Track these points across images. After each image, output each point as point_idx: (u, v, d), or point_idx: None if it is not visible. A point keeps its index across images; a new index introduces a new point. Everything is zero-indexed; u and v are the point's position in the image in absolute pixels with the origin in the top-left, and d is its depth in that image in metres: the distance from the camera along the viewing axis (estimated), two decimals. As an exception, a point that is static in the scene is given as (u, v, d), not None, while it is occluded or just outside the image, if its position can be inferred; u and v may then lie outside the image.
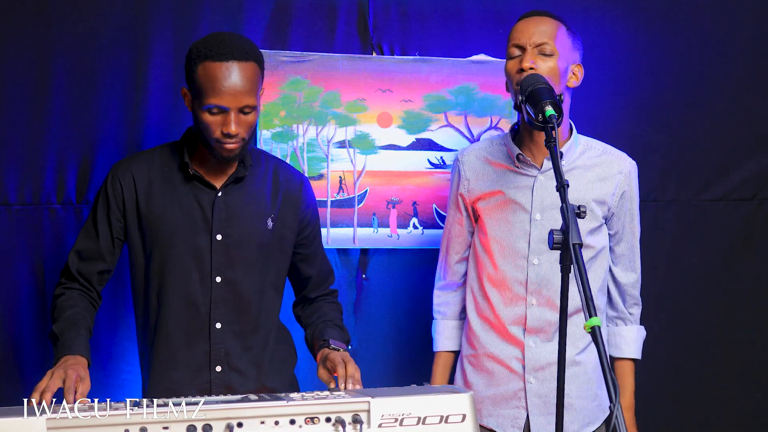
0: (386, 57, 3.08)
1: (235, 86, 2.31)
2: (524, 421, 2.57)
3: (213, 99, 2.31)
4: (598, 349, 1.80)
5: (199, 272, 2.45)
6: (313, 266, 2.64)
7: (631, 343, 2.67)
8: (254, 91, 2.35)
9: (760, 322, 3.33)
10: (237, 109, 2.32)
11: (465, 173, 2.66)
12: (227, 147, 2.35)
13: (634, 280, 2.67)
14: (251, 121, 2.36)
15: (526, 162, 2.55)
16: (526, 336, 2.55)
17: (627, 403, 2.65)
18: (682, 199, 3.28)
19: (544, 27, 2.48)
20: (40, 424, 1.82)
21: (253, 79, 2.35)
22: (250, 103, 2.33)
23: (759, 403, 3.33)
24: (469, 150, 2.70)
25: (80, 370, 2.19)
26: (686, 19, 3.24)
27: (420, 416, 2.00)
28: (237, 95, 2.31)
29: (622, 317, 2.68)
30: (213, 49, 2.33)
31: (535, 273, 2.53)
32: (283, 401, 1.96)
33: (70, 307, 2.40)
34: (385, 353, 3.14)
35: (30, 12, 2.83)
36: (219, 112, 2.33)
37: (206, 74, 2.32)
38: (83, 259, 2.47)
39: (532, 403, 2.56)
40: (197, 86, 2.34)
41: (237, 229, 2.46)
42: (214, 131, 2.34)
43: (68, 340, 2.30)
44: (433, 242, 3.05)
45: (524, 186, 2.56)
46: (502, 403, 2.59)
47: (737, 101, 3.28)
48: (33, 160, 2.87)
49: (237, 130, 2.33)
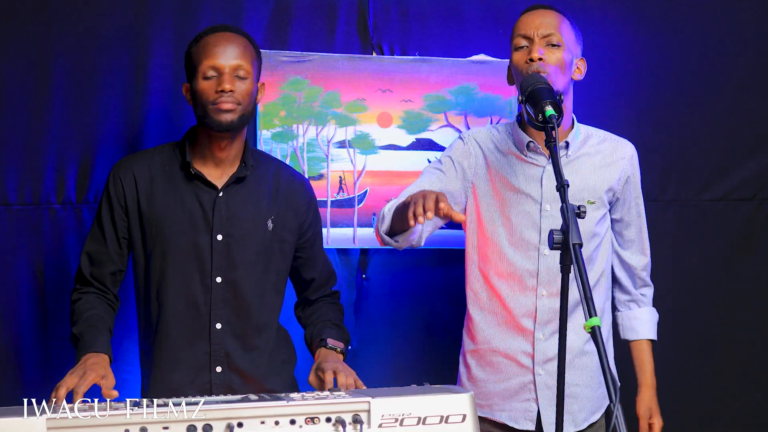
0: (386, 57, 3.08)
1: (227, 48, 2.40)
2: (536, 413, 2.57)
3: (207, 61, 2.39)
4: (597, 349, 1.80)
5: (199, 272, 2.45)
6: (315, 268, 2.64)
7: (646, 323, 2.70)
8: (248, 58, 2.42)
9: (760, 322, 3.33)
10: (231, 69, 2.38)
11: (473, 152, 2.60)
12: (223, 107, 2.37)
13: (645, 264, 2.69)
14: (248, 89, 2.41)
15: (536, 150, 2.55)
16: (536, 328, 2.55)
17: (648, 382, 2.69)
18: (682, 199, 3.28)
19: (549, 19, 2.50)
20: (40, 424, 1.82)
21: (246, 49, 2.44)
22: (243, 65, 2.40)
23: (759, 403, 3.33)
24: (480, 132, 2.65)
25: (101, 369, 2.21)
26: (686, 19, 3.24)
27: (420, 416, 2.00)
28: (229, 56, 2.39)
29: (635, 299, 2.71)
30: (206, 30, 2.46)
31: (546, 264, 2.53)
32: (284, 401, 1.96)
33: (89, 309, 2.41)
34: (385, 353, 3.13)
35: (30, 12, 2.83)
36: (214, 76, 2.38)
37: (200, 46, 2.42)
38: (94, 262, 2.48)
39: (542, 395, 2.56)
40: (193, 62, 2.42)
41: (238, 230, 2.46)
42: (210, 95, 2.38)
43: (89, 339, 2.32)
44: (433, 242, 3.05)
45: (533, 176, 2.55)
46: (512, 397, 2.59)
47: (737, 101, 3.28)
48: (33, 160, 2.87)
49: (231, 87, 2.36)
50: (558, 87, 2.41)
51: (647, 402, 2.68)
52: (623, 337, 2.74)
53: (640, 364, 2.71)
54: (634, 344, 2.73)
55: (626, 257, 2.67)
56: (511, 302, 2.57)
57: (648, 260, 2.70)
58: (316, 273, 2.64)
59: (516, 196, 2.56)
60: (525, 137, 2.56)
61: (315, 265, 2.64)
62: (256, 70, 2.46)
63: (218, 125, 2.38)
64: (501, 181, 2.58)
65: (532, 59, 2.44)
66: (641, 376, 2.71)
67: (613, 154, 2.61)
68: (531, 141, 2.55)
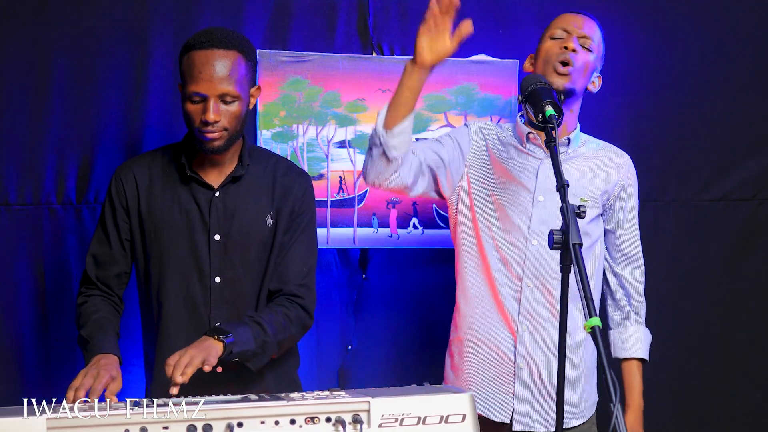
0: (386, 57, 3.08)
1: (212, 73, 2.31)
2: (511, 407, 2.57)
3: (192, 86, 2.32)
4: (597, 348, 1.80)
5: (198, 272, 2.45)
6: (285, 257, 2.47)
7: (638, 343, 2.66)
8: (235, 80, 2.33)
9: (760, 322, 3.33)
10: (216, 96, 2.32)
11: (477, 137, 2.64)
12: (208, 136, 2.34)
13: (639, 278, 2.67)
14: (234, 112, 2.35)
15: (535, 142, 2.57)
16: (520, 319, 2.55)
17: (635, 404, 2.64)
18: (682, 199, 3.28)
19: (590, 25, 2.60)
20: (40, 424, 1.82)
21: (235, 68, 2.34)
22: (229, 91, 2.32)
23: (759, 403, 3.33)
24: (483, 122, 2.71)
25: (112, 370, 2.22)
26: (686, 19, 3.24)
27: (420, 416, 2.00)
28: (214, 82, 2.31)
29: (628, 317, 2.67)
30: (197, 39, 2.36)
31: (534, 254, 2.53)
32: (283, 401, 1.96)
33: (95, 312, 2.42)
34: (385, 353, 3.14)
35: (30, 12, 2.83)
36: (200, 101, 2.33)
37: (188, 63, 2.34)
38: (99, 264, 2.48)
39: (519, 390, 2.56)
40: (183, 77, 2.37)
41: (235, 229, 2.46)
42: (195, 120, 2.34)
43: (98, 341, 2.32)
44: (433, 242, 3.05)
45: (530, 168, 2.57)
46: (490, 387, 2.58)
47: (737, 101, 3.28)
48: (33, 160, 2.87)
49: (215, 118, 2.31)
50: (575, 86, 2.50)
51: (630, 424, 2.62)
52: (614, 356, 2.68)
53: (629, 384, 2.65)
54: (625, 364, 2.67)
55: (620, 272, 2.66)
56: (496, 289, 2.57)
57: (642, 275, 2.67)
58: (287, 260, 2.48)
59: (511, 184, 2.57)
60: (525, 129, 2.58)
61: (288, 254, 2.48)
62: (247, 85, 2.39)
63: (205, 149, 2.39)
64: (498, 170, 2.59)
65: (566, 47, 2.50)
66: (628, 397, 2.65)
67: (612, 161, 2.63)
68: (531, 132, 2.57)
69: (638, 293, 2.67)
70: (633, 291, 2.67)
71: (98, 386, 2.13)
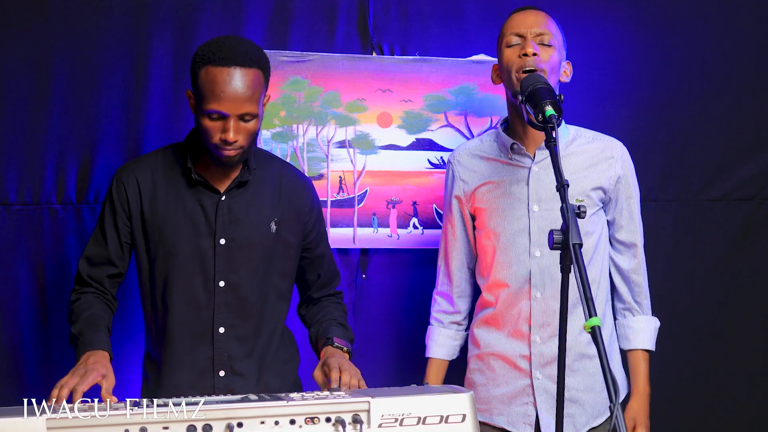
0: (386, 57, 3.08)
1: (235, 93, 2.28)
2: (534, 417, 2.57)
3: (213, 104, 2.29)
4: (597, 348, 1.80)
5: (202, 276, 2.44)
6: (319, 268, 2.64)
7: (640, 333, 2.64)
8: (256, 99, 2.32)
9: (759, 321, 3.33)
10: (236, 116, 2.30)
11: (459, 174, 2.67)
12: (225, 154, 2.34)
13: (636, 267, 2.64)
14: (251, 129, 2.34)
15: (520, 152, 2.56)
16: (533, 331, 2.55)
17: (640, 390, 2.63)
18: (682, 199, 3.28)
19: (541, 19, 2.54)
20: (40, 424, 1.82)
21: (256, 86, 2.32)
22: (250, 110, 2.31)
23: (759, 403, 3.33)
24: (461, 150, 2.71)
25: (102, 368, 2.20)
26: (686, 19, 3.24)
27: (420, 416, 2.00)
28: (237, 102, 2.29)
29: (629, 308, 2.66)
30: (216, 53, 2.31)
31: (539, 265, 2.53)
32: (283, 401, 1.96)
33: (87, 309, 2.41)
34: (385, 353, 3.14)
35: (30, 12, 2.83)
36: (218, 118, 2.31)
37: (208, 79, 2.30)
38: (93, 264, 2.48)
39: (540, 399, 2.56)
40: (199, 90, 2.32)
41: (240, 233, 2.46)
42: (213, 137, 2.32)
43: (89, 338, 2.32)
44: (433, 242, 3.05)
45: (520, 178, 2.56)
46: (511, 401, 2.59)
47: (737, 101, 3.28)
48: (33, 160, 2.87)
49: (235, 138, 2.30)
50: None
51: (633, 411, 2.61)
52: (620, 347, 2.69)
53: (633, 373, 2.65)
54: (630, 354, 2.67)
55: (620, 262, 2.65)
56: (507, 308, 2.58)
57: (640, 264, 2.65)
58: (321, 272, 2.64)
59: (504, 200, 2.57)
60: (508, 140, 2.57)
61: (320, 265, 2.63)
62: (263, 99, 2.38)
63: (219, 163, 2.39)
64: (488, 189, 2.60)
65: (526, 54, 2.46)
66: (633, 384, 2.65)
67: (602, 154, 2.61)
68: (514, 143, 2.56)
69: (637, 283, 2.65)
70: (632, 281, 2.65)
71: (82, 387, 2.11)
